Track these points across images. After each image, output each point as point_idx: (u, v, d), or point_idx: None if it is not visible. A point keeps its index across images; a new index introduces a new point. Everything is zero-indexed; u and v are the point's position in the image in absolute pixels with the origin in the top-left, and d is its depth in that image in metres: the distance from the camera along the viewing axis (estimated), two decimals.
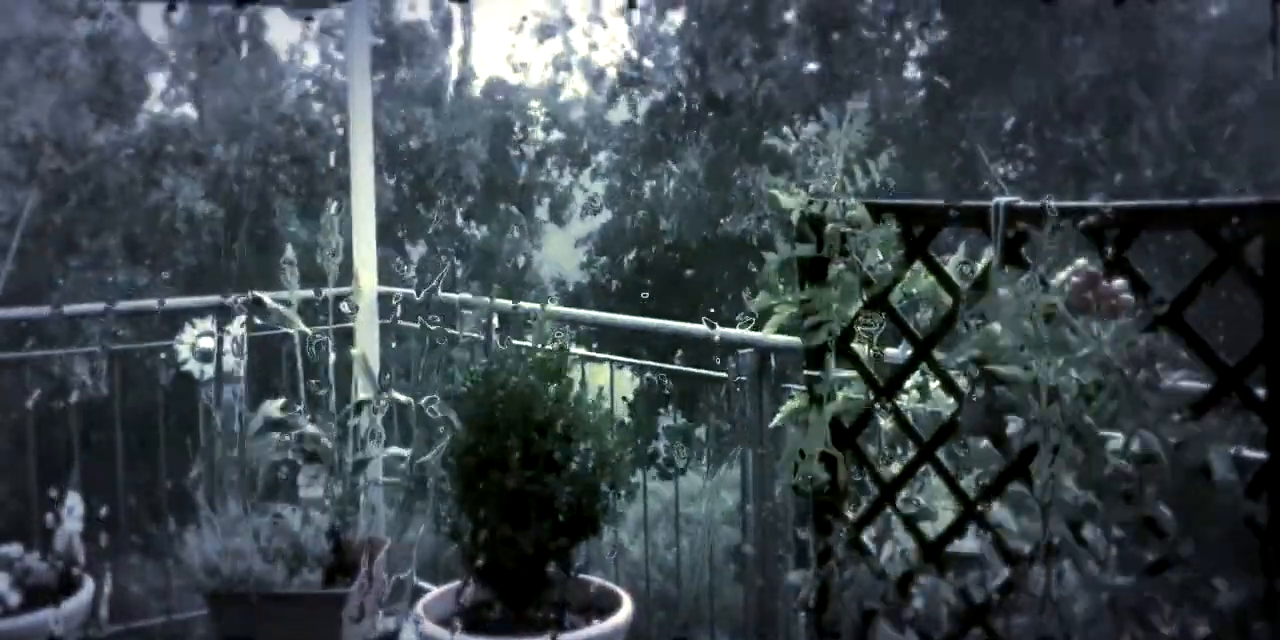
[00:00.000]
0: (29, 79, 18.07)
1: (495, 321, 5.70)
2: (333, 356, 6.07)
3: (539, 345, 5.31)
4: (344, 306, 6.43)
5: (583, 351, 5.91)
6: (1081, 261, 3.44)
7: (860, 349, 4.16)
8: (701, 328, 5.75)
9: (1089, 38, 22.98)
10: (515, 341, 5.53)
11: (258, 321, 6.31)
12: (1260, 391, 3.27)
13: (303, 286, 6.15)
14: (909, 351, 4.06)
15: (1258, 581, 3.20)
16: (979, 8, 23.25)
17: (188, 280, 18.86)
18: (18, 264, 16.82)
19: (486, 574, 5.23)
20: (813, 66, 23.31)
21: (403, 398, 6.10)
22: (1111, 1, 21.96)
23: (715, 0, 23.95)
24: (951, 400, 3.90)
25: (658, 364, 7.28)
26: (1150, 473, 3.27)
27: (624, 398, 5.84)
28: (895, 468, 4.10)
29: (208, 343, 6.04)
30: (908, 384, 4.10)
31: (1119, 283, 3.36)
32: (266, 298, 6.19)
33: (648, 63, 24.40)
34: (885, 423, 4.13)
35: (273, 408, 6.07)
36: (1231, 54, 23.25)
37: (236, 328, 6.15)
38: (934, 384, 4.01)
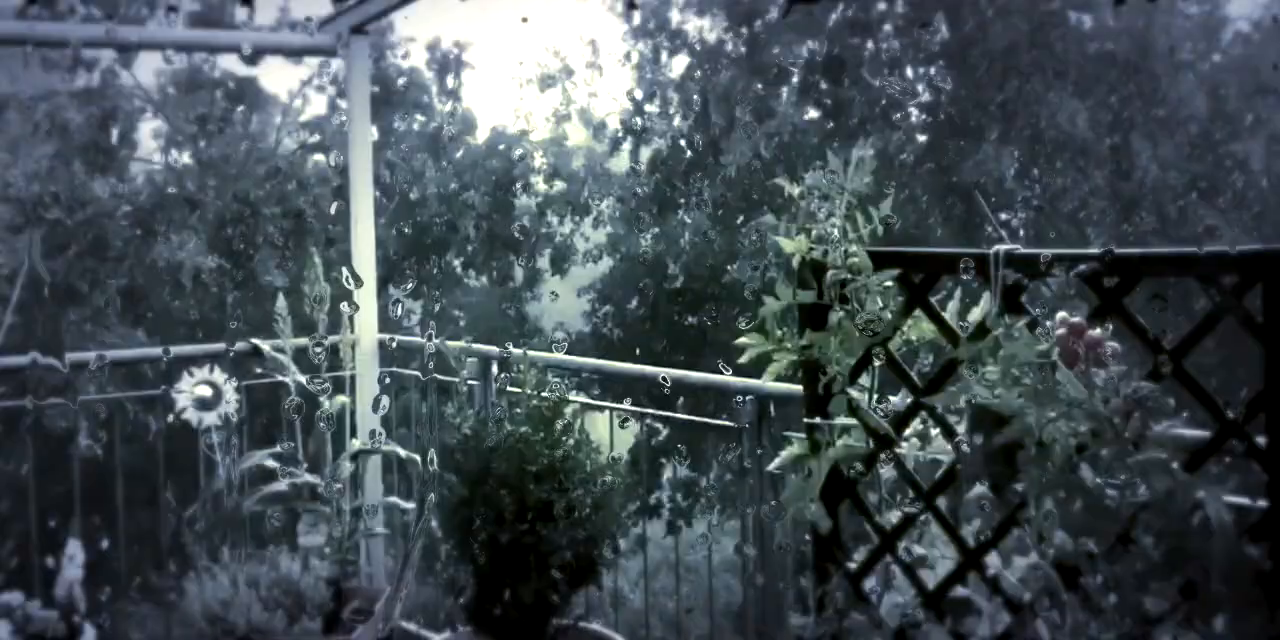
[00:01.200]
0: (27, 133, 18.14)
1: (495, 369, 5.70)
2: (330, 405, 6.07)
3: (534, 394, 5.30)
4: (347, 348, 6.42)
5: (581, 399, 5.89)
6: (1062, 314, 3.44)
7: (860, 396, 4.15)
8: (701, 375, 5.75)
9: (1090, 84, 23.06)
10: (512, 389, 5.53)
11: (256, 370, 6.31)
12: (1261, 439, 3.26)
13: (299, 335, 6.16)
14: (909, 399, 4.05)
15: (1255, 625, 3.19)
16: (980, 55, 23.33)
17: (182, 330, 18.87)
18: (18, 316, 16.85)
19: (487, 623, 5.21)
20: (814, 113, 23.38)
21: (402, 452, 6.10)
22: (1114, 20, 22.10)
23: (716, 48, 24.05)
24: (952, 448, 3.89)
25: (658, 412, 7.27)
26: (1147, 521, 3.26)
27: (614, 457, 5.80)
28: (895, 516, 4.08)
29: (205, 391, 6.03)
30: (908, 431, 4.08)
31: (1100, 332, 3.36)
32: (264, 346, 6.19)
33: (649, 109, 24.49)
34: (885, 470, 4.12)
35: (271, 456, 6.07)
36: (1233, 100, 23.32)
37: (235, 377, 6.15)
38: (935, 431, 4.00)
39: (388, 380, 6.39)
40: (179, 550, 6.19)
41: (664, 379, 5.87)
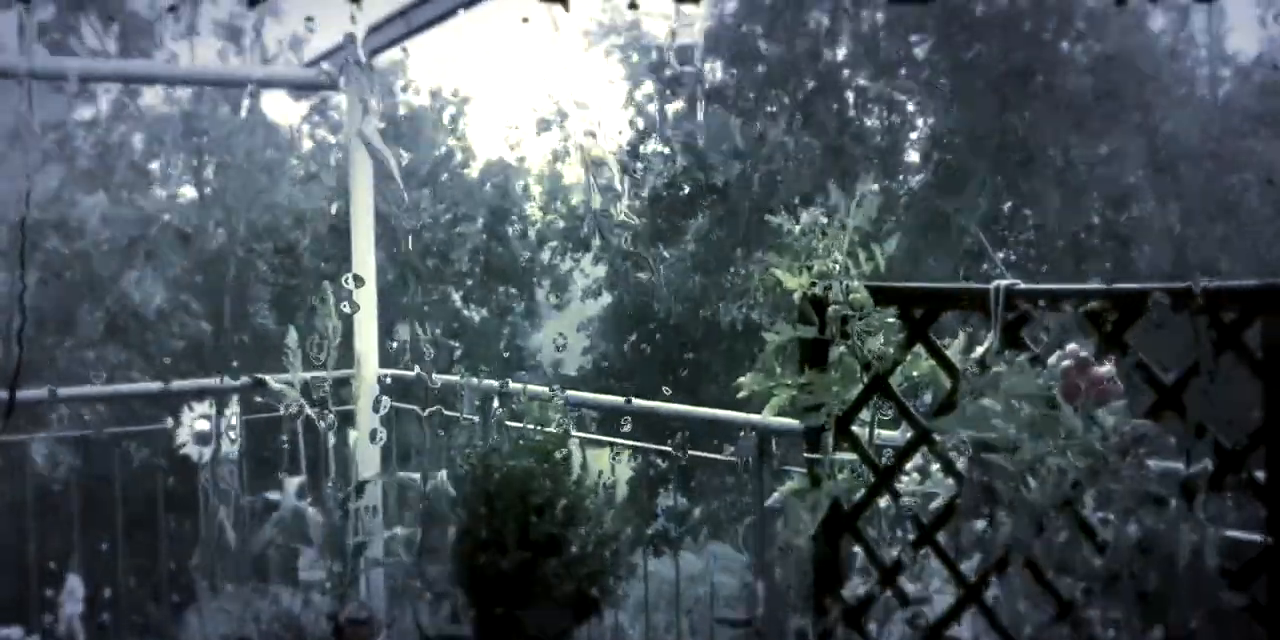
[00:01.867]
0: (35, 163, 18.15)
1: (495, 403, 5.70)
2: (332, 439, 6.07)
3: (536, 427, 5.31)
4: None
5: (582, 434, 5.90)
6: (1073, 346, 3.44)
7: (860, 431, 4.16)
8: (700, 410, 5.76)
9: (1088, 120, 23.10)
10: (513, 423, 5.54)
11: (258, 401, 6.32)
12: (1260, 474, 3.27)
13: (302, 368, 6.16)
14: (909, 434, 4.06)
15: None
16: (978, 91, 23.36)
17: (179, 363, 18.87)
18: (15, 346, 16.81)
19: None
20: (814, 150, 23.41)
21: (405, 475, 6.10)
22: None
23: (715, 88, 24.09)
24: (952, 482, 3.90)
25: (658, 446, 7.27)
26: (1145, 557, 3.26)
27: (609, 485, 5.81)
28: (895, 550, 4.09)
29: (205, 425, 6.04)
30: (908, 466, 4.09)
31: (1106, 368, 3.36)
32: (269, 379, 6.20)
33: (648, 148, 24.53)
34: (885, 505, 4.13)
35: (272, 490, 6.07)
36: (1231, 136, 23.35)
37: (237, 411, 6.16)
38: (935, 466, 4.01)
39: (384, 408, 6.38)
40: (179, 584, 6.19)
41: (679, 438, 5.87)
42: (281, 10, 22.75)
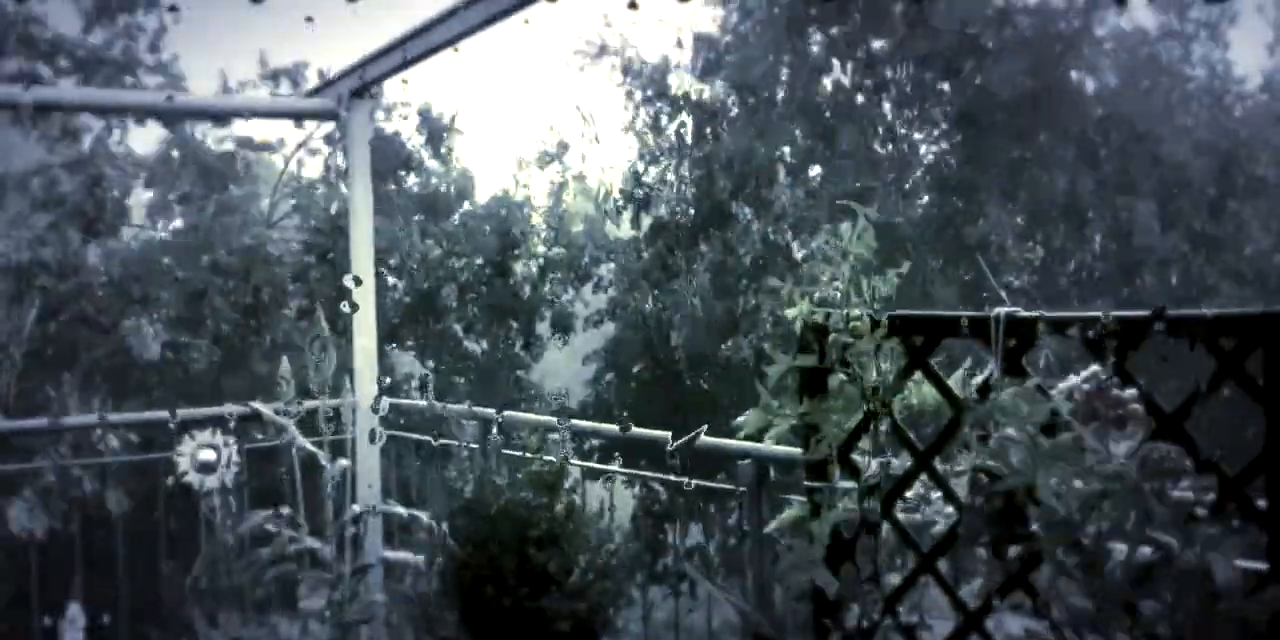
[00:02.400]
0: (24, 211, 18.19)
1: (495, 433, 5.69)
2: (331, 468, 6.06)
3: (537, 457, 5.30)
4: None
5: (582, 464, 5.89)
6: (1095, 367, 3.43)
7: (861, 460, 4.15)
8: (702, 438, 5.73)
9: (1092, 148, 23.15)
10: (512, 453, 5.52)
11: (256, 435, 6.32)
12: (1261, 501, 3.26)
13: (300, 398, 6.15)
14: (909, 462, 4.05)
15: None
16: (983, 118, 23.40)
17: (176, 395, 18.84)
18: (14, 382, 16.85)
19: None
20: (817, 177, 23.44)
21: (404, 511, 6.09)
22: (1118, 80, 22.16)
23: (718, 113, 24.13)
24: (952, 510, 3.88)
25: (657, 475, 7.26)
26: (1155, 583, 3.24)
27: (607, 512, 5.80)
28: (896, 578, 4.08)
29: (206, 455, 6.02)
30: (908, 494, 4.08)
31: (1130, 392, 3.34)
32: (264, 409, 6.19)
33: (650, 176, 24.53)
34: (885, 532, 4.12)
35: (271, 518, 6.06)
36: (1234, 163, 23.40)
37: (236, 440, 6.15)
38: (935, 494, 4.00)
39: (380, 439, 6.36)
40: (179, 613, 6.18)
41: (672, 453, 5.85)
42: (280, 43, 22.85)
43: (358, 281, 6.61)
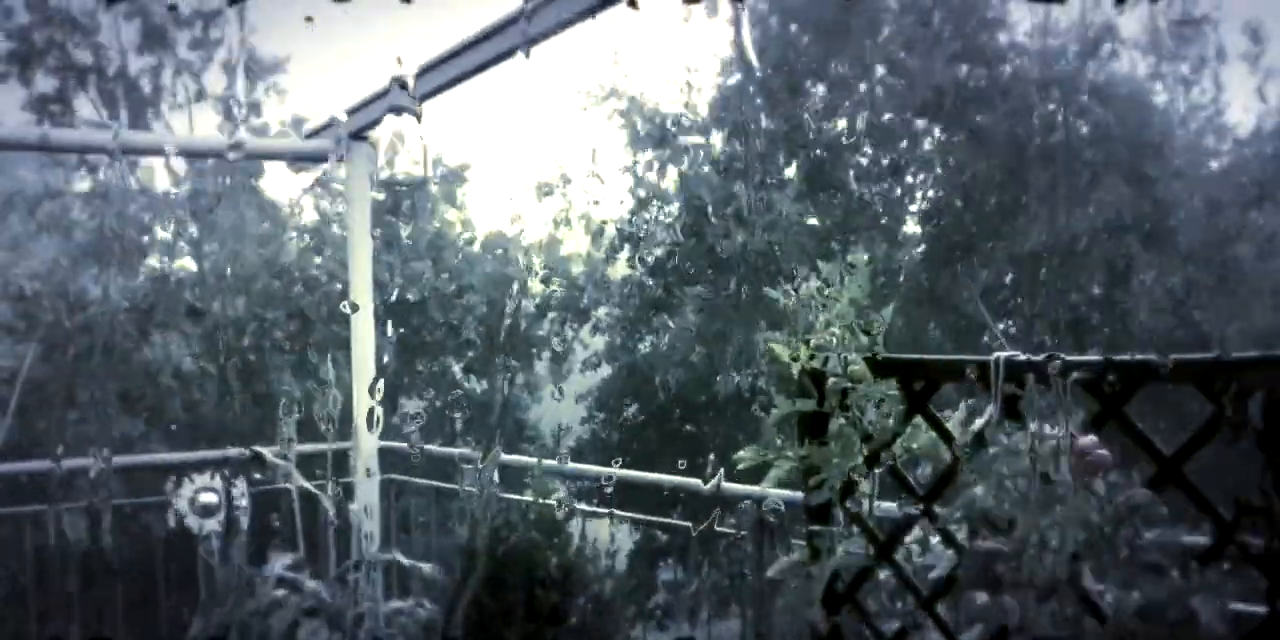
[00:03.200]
0: (31, 232, 18.20)
1: (495, 475, 5.70)
2: (331, 510, 6.06)
3: (539, 500, 5.32)
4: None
5: (584, 507, 5.90)
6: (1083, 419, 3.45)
7: (860, 504, 4.16)
8: (693, 481, 5.75)
9: (1087, 193, 23.18)
10: (512, 496, 5.54)
11: (256, 476, 6.31)
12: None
13: (301, 440, 6.15)
14: (909, 505, 4.05)
15: None
16: (978, 163, 23.45)
17: (183, 434, 18.83)
18: (17, 418, 16.83)
19: None
20: (813, 221, 23.46)
21: (406, 561, 6.09)
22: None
23: (714, 158, 24.16)
24: (952, 554, 3.89)
25: (659, 519, 7.27)
26: (1145, 628, 3.25)
27: (607, 553, 5.81)
28: (895, 623, 4.08)
29: (207, 498, 6.03)
30: (908, 538, 4.09)
31: (1089, 439, 3.36)
32: (266, 453, 6.20)
33: (647, 216, 24.55)
34: (885, 576, 4.12)
35: (272, 563, 6.06)
36: (1229, 207, 23.44)
37: (237, 483, 6.15)
38: (934, 538, 4.00)
39: (376, 478, 6.37)
40: None
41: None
42: (283, 88, 22.91)
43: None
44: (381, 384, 6.08)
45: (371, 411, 6.06)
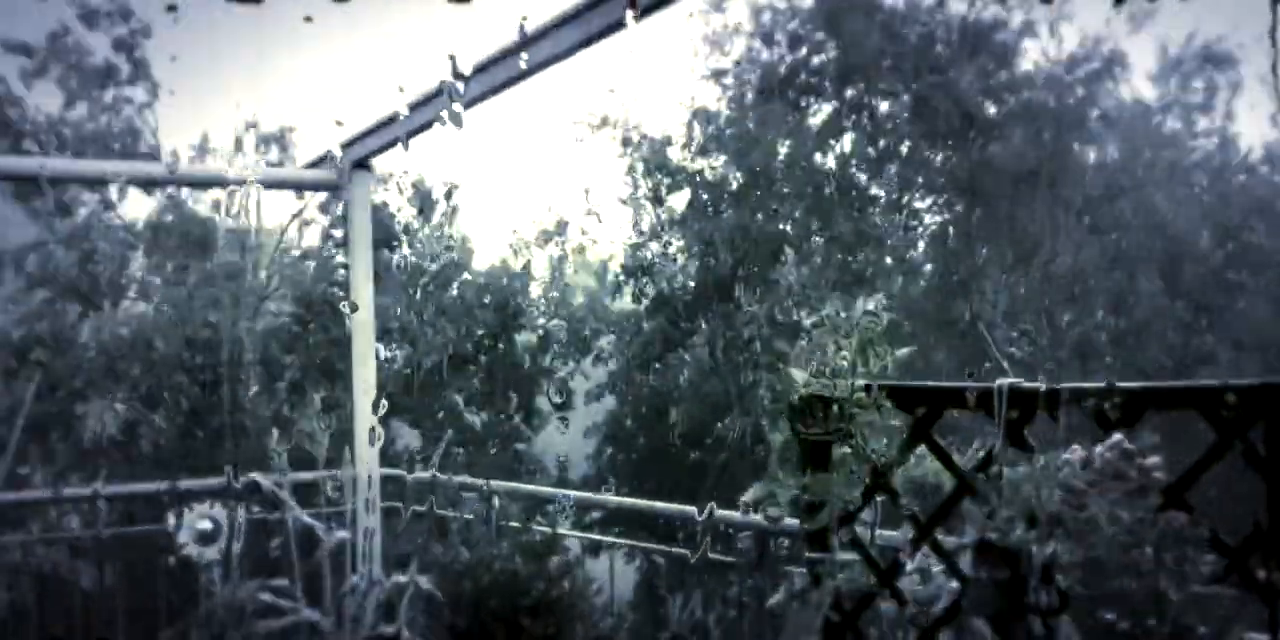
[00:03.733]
0: (21, 288, 18.23)
1: (495, 503, 5.68)
2: (330, 539, 6.04)
3: (525, 528, 5.30)
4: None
5: (576, 533, 5.88)
6: (1118, 436, 3.41)
7: (862, 532, 4.13)
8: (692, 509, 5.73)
9: (1093, 218, 23.22)
10: (511, 524, 5.51)
11: (254, 508, 6.29)
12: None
13: (298, 468, 6.13)
14: (911, 534, 4.02)
15: None
16: (985, 188, 23.48)
17: (177, 465, 18.80)
18: (16, 458, 16.84)
19: None
20: (818, 251, 23.46)
21: (402, 579, 6.06)
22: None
23: (718, 186, 24.18)
24: (955, 583, 3.86)
25: (658, 546, 7.24)
26: None
27: (606, 584, 5.78)
28: None
29: (205, 525, 6.00)
30: (909, 567, 4.06)
31: (1154, 460, 3.33)
32: (263, 481, 6.18)
33: (651, 249, 24.55)
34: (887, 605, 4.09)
35: (270, 590, 6.03)
36: (1237, 233, 23.48)
37: (235, 511, 6.13)
38: (936, 567, 3.97)
39: (375, 509, 6.34)
40: None
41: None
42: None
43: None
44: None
45: (373, 430, 6.04)
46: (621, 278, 24.25)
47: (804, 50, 25.12)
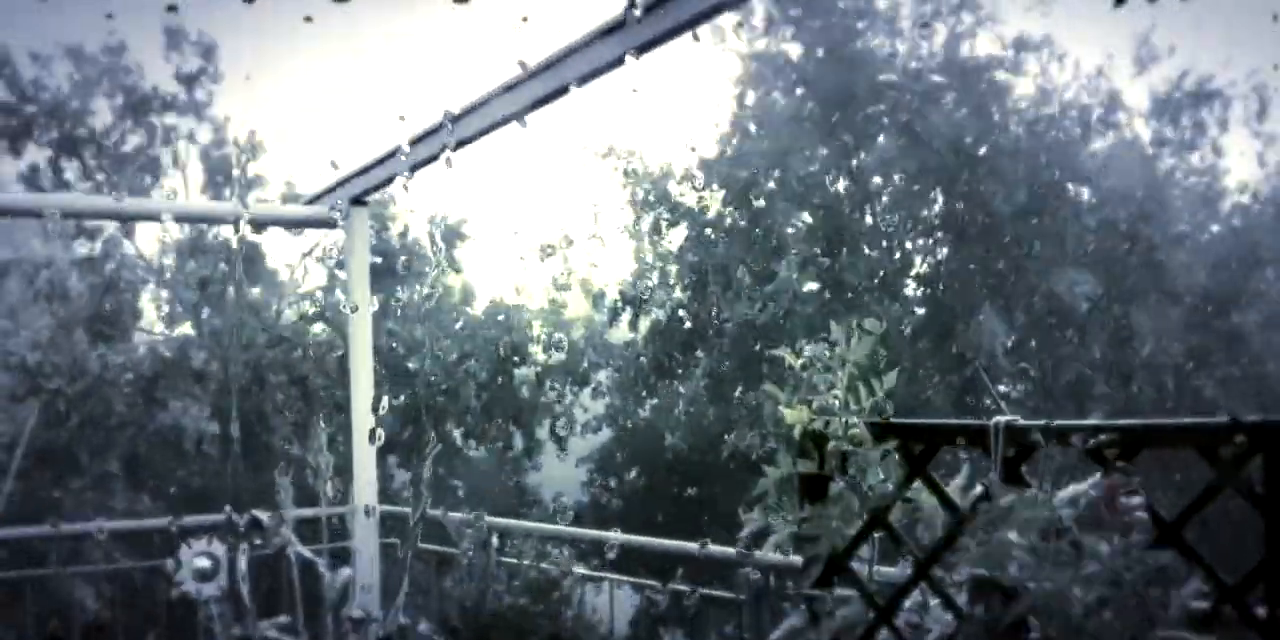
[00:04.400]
0: (27, 301, 18.23)
1: (495, 540, 5.69)
2: (331, 576, 6.04)
3: (532, 564, 5.30)
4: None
5: (582, 570, 5.88)
6: (1097, 476, 3.43)
7: (860, 568, 4.14)
8: (690, 545, 5.74)
9: (1088, 256, 23.23)
10: (511, 560, 5.52)
11: (256, 542, 6.30)
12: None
13: (300, 505, 6.14)
14: (908, 570, 4.04)
15: None
16: (979, 226, 23.50)
17: (183, 500, 18.79)
18: (19, 484, 16.81)
19: None
20: (813, 285, 23.49)
21: (401, 618, 6.07)
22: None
23: (715, 220, 24.22)
24: (951, 617, 3.88)
25: (652, 582, 7.24)
26: None
27: (605, 620, 5.79)
28: None
29: (206, 562, 6.01)
30: (907, 603, 4.07)
31: (1137, 499, 3.35)
32: (264, 517, 6.19)
33: (649, 280, 24.60)
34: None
35: (271, 627, 6.03)
36: (1231, 271, 23.47)
37: (237, 548, 6.13)
38: (934, 601, 3.99)
39: (374, 545, 6.36)
40: None
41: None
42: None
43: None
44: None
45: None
46: (620, 306, 24.29)
47: (798, 93, 25.19)
